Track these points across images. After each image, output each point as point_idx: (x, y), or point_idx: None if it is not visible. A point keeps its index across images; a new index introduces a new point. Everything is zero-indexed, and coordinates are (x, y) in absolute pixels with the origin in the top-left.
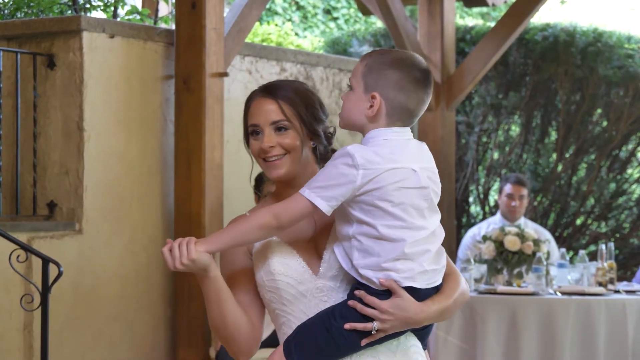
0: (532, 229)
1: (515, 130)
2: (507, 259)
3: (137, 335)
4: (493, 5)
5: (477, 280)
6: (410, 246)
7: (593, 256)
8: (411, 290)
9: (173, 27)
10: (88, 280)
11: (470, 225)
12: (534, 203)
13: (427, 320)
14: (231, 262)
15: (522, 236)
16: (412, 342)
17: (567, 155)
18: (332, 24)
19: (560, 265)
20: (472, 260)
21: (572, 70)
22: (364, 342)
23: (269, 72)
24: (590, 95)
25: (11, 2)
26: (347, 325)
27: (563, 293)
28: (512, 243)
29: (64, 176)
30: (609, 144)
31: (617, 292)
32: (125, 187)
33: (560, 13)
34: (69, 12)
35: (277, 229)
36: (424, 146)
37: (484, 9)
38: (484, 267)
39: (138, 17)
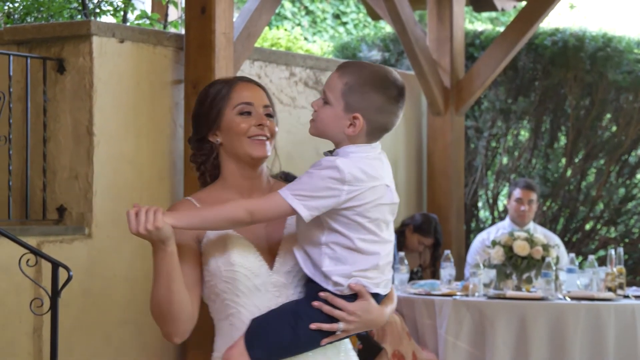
0: (541, 233)
1: (524, 135)
2: (516, 264)
3: (146, 339)
4: (502, 10)
5: (486, 285)
6: (382, 259)
7: (602, 261)
8: (374, 297)
9: (183, 31)
10: (97, 284)
11: (479, 230)
12: (543, 208)
13: (383, 322)
14: (178, 242)
15: (531, 241)
16: (349, 346)
17: (576, 160)
18: (341, 29)
19: (570, 271)
20: (481, 265)
21: (581, 75)
22: (324, 341)
23: (278, 77)
24: (599, 100)
25: (21, 7)
26: (313, 325)
27: (572, 298)
28: (521, 248)
29: (73, 180)
30: (619, 149)
31: (626, 297)
32: (134, 191)
33: (570, 18)
34: (79, 16)
35: (247, 224)
36: (385, 156)
37: (493, 14)
38: (493, 272)
39: (148, 21)
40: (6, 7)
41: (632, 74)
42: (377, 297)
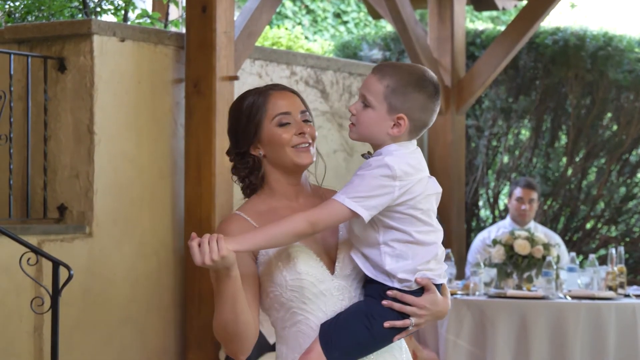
0: (542, 232)
1: (525, 134)
2: (517, 263)
3: (147, 338)
4: (503, 9)
5: (487, 284)
6: (440, 247)
7: (603, 260)
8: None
9: (183, 30)
10: (98, 283)
11: (480, 229)
12: (544, 207)
13: (447, 312)
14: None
15: (532, 240)
16: (405, 345)
17: (577, 159)
18: (342, 28)
19: (570, 269)
20: (482, 264)
21: (582, 74)
22: (396, 337)
23: (279, 76)
24: (600, 99)
25: (22, 6)
26: (386, 324)
27: (573, 297)
28: (522, 247)
29: (74, 179)
30: (619, 148)
31: (627, 296)
32: (135, 190)
33: (571, 17)
34: (80, 15)
35: (309, 235)
36: (420, 150)
37: (494, 13)
38: (493, 271)
39: (148, 20)
40: (7, 6)
41: (633, 73)
42: (437, 287)
